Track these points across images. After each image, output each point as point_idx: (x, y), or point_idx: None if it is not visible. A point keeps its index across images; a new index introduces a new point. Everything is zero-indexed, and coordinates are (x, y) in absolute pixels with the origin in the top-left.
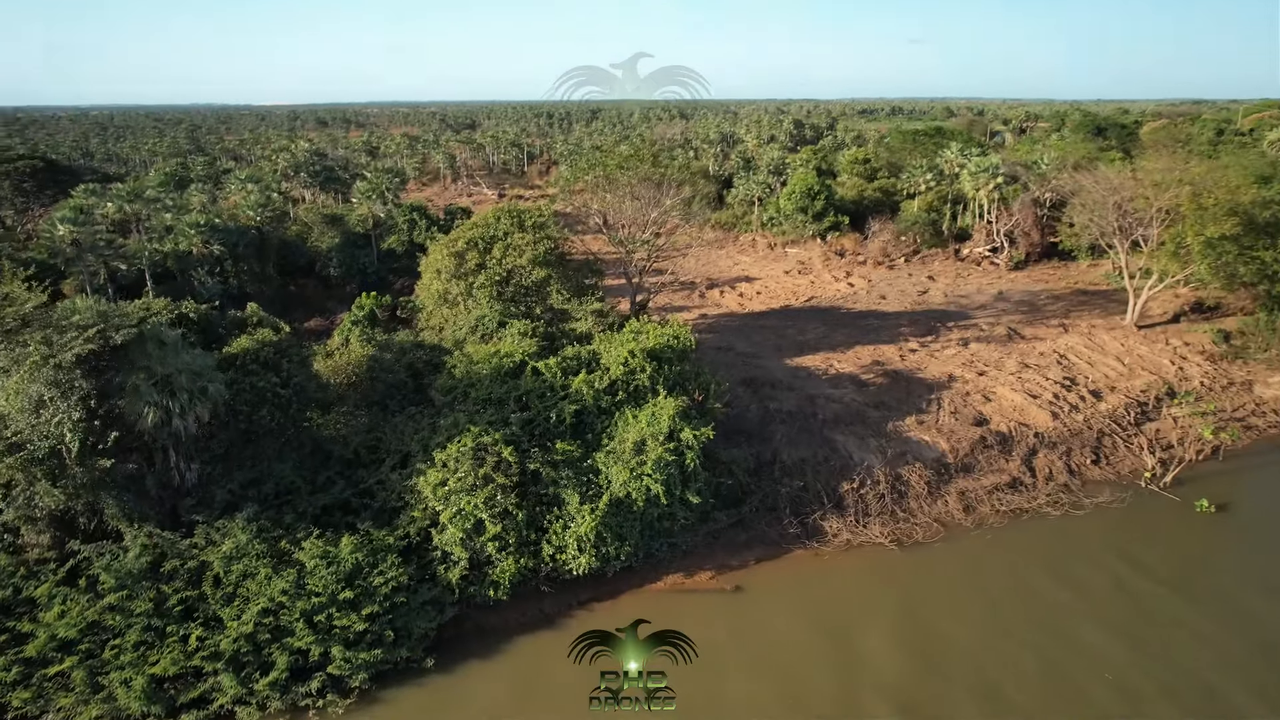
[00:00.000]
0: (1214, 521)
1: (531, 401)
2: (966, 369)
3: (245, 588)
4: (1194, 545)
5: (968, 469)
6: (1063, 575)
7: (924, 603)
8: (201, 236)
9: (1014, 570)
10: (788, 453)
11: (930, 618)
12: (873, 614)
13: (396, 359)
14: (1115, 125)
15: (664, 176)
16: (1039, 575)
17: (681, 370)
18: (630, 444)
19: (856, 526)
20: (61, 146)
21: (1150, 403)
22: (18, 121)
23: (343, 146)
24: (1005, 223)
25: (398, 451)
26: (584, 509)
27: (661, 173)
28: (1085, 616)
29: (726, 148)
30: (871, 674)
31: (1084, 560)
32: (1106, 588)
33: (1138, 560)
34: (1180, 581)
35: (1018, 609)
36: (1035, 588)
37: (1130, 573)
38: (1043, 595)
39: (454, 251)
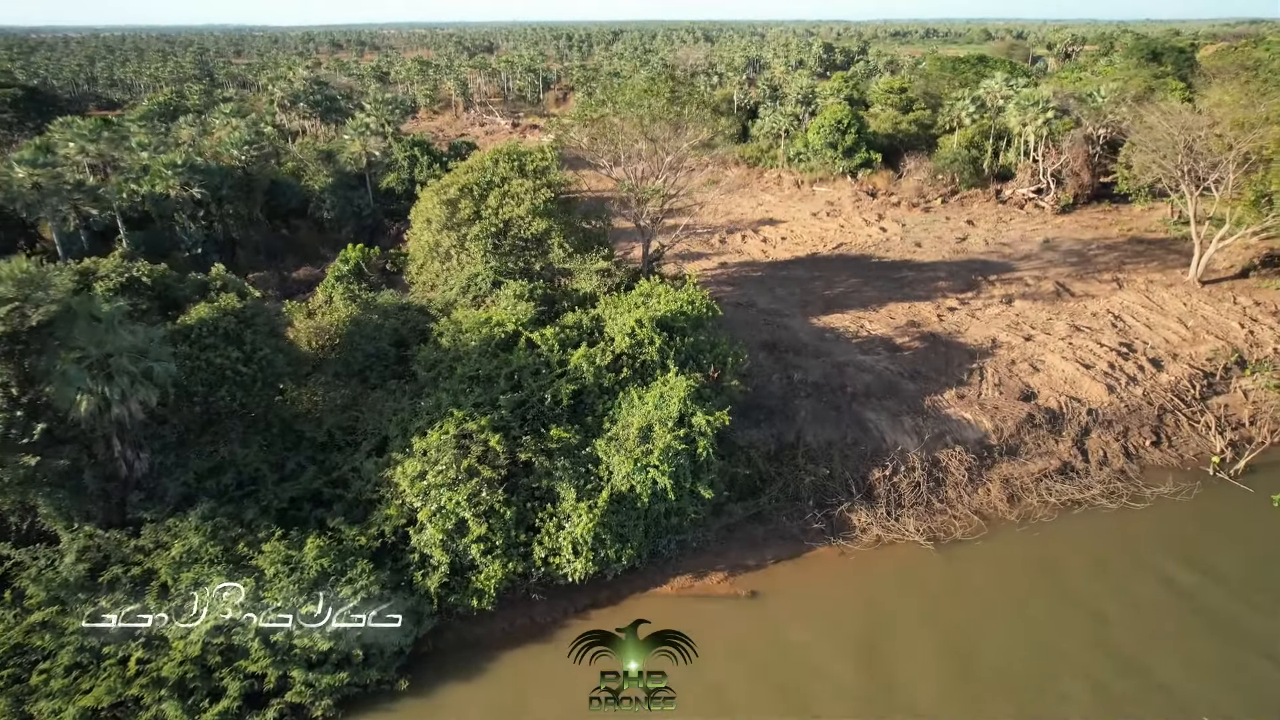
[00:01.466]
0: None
1: (524, 380)
2: (1011, 332)
3: (197, 600)
4: (1273, 548)
5: (1012, 451)
6: (1122, 585)
7: (962, 615)
8: (180, 178)
9: (1065, 577)
10: (813, 433)
11: (969, 634)
12: (905, 628)
13: (379, 324)
14: (1172, 49)
15: (680, 116)
16: (1094, 584)
17: (696, 341)
18: (635, 430)
19: (888, 520)
20: (65, 71)
21: (1218, 373)
22: (25, 44)
23: (348, 73)
24: (1053, 161)
25: (375, 434)
26: (580, 506)
27: (678, 111)
28: (1148, 637)
29: (752, 74)
30: (903, 697)
31: (1145, 567)
32: (1172, 601)
33: (1208, 567)
34: (1257, 594)
35: (1070, 626)
36: (1090, 599)
37: (1200, 582)
38: (1099, 609)
39: (446, 199)
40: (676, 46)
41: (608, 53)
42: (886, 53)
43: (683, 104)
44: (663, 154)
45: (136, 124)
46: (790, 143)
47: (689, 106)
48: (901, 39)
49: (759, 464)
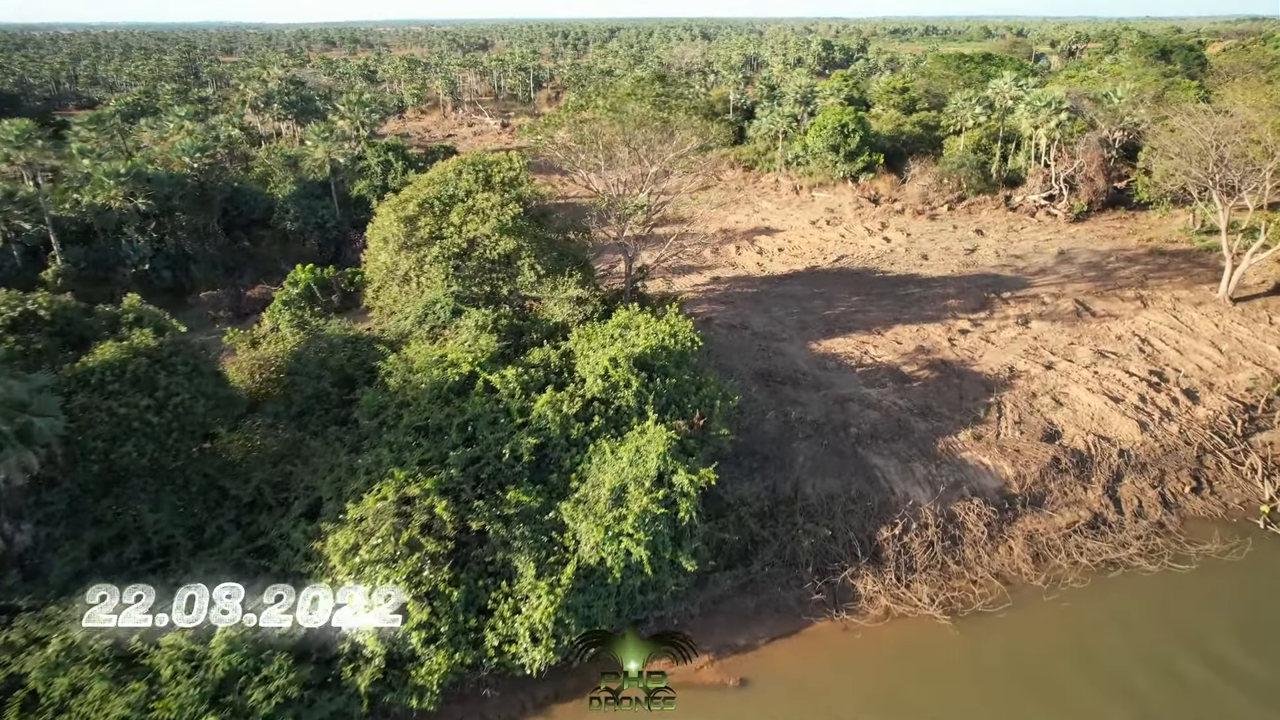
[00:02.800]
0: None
1: (480, 431)
2: (1030, 359)
3: (72, 710)
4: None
5: (1037, 502)
6: (1166, 665)
7: (984, 703)
8: (123, 188)
9: (1100, 655)
10: (812, 484)
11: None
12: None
13: (322, 359)
14: (1181, 48)
15: (667, 122)
16: (1133, 665)
17: (679, 383)
18: (607, 491)
19: (899, 588)
20: (43, 70)
21: (1259, 406)
22: (10, 40)
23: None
24: (1065, 166)
25: (309, 493)
26: (540, 585)
27: (664, 117)
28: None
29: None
30: None
31: (1193, 644)
32: (1223, 687)
33: (1265, 644)
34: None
35: (1107, 716)
36: (1128, 683)
37: (1257, 666)
38: (1139, 692)
39: (404, 216)
40: (673, 44)
41: (602, 51)
42: (886, 50)
43: (670, 109)
44: (647, 164)
45: (87, 127)
46: (789, 145)
47: (677, 112)
48: (901, 36)
49: (750, 525)
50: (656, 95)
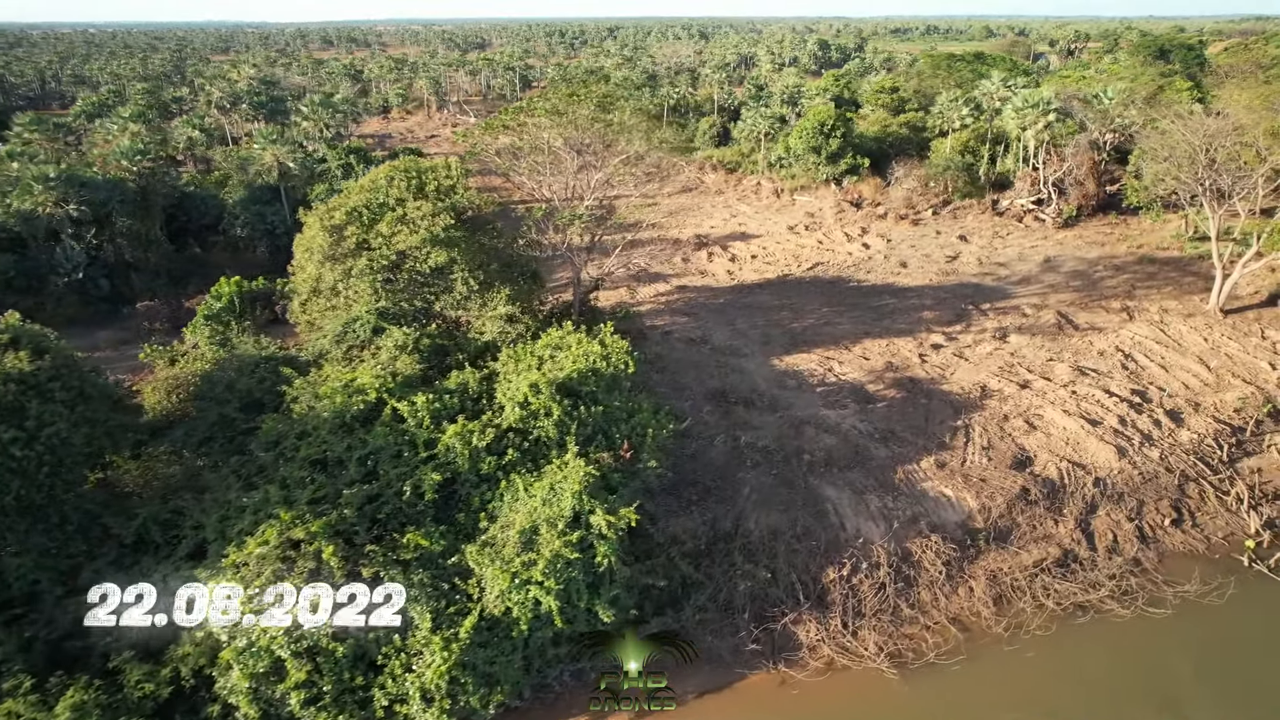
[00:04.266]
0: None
1: (382, 465)
2: (1004, 378)
3: None
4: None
5: (1002, 536)
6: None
7: None
8: (53, 193)
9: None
10: (756, 519)
11: None
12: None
13: (230, 381)
14: (1180, 47)
15: (609, 125)
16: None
17: (608, 410)
18: (515, 533)
19: (843, 635)
20: (27, 69)
21: (1248, 428)
22: (3, 39)
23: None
24: (1055, 169)
25: (196, 532)
26: (435, 640)
27: (606, 120)
28: None
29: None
30: None
31: (1168, 703)
32: None
33: (1249, 706)
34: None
35: None
36: None
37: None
38: None
39: (330, 225)
40: (672, 43)
41: (595, 50)
42: (884, 50)
43: (618, 111)
44: (591, 170)
45: (29, 128)
46: (771, 147)
47: (621, 114)
48: (902, 36)
49: (681, 567)
50: (601, 96)
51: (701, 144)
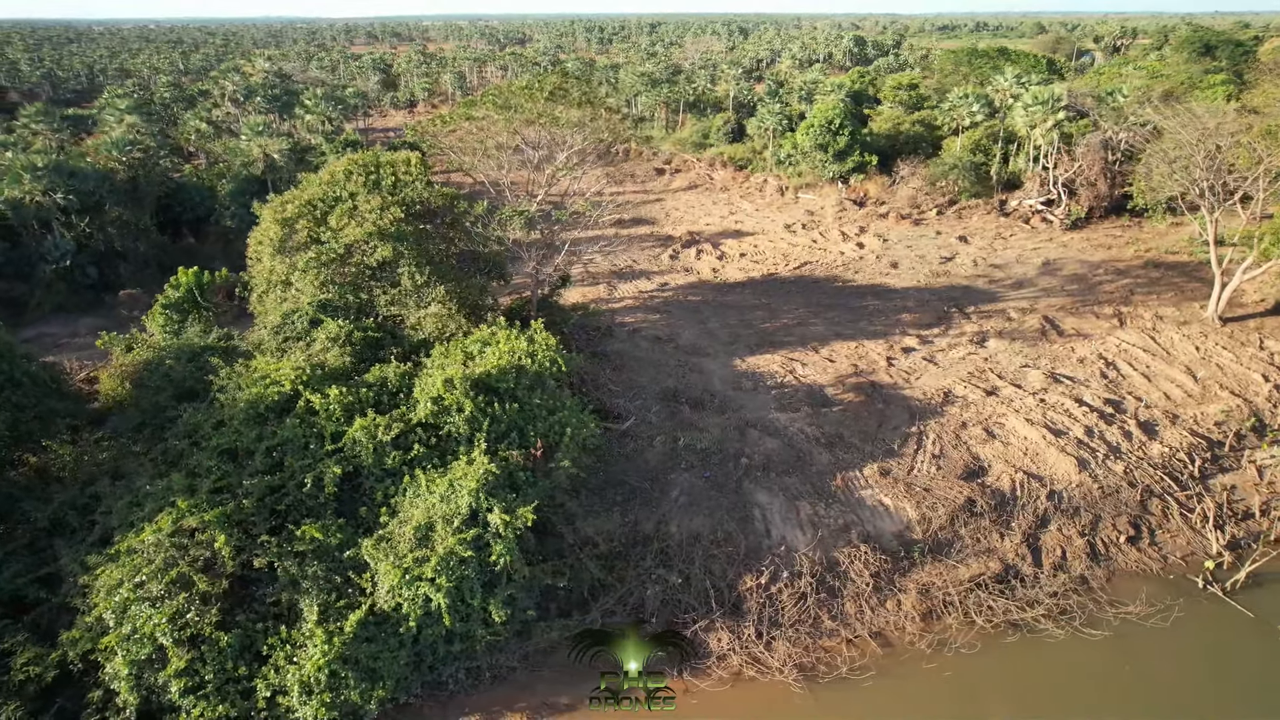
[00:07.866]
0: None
1: (288, 457)
2: (971, 384)
3: None
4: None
5: (941, 549)
6: None
7: None
8: (41, 182)
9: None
10: (679, 522)
11: None
12: None
13: (168, 370)
14: (1228, 42)
15: (555, 120)
16: None
17: (527, 408)
18: (411, 529)
19: (756, 645)
20: (76, 64)
21: (1227, 442)
22: (63, 37)
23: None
24: (1065, 169)
25: (106, 518)
26: (319, 632)
27: (554, 114)
28: None
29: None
30: None
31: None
32: None
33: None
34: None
35: None
36: None
37: None
38: None
39: (282, 219)
40: (705, 39)
41: (624, 45)
42: (921, 47)
43: (567, 104)
44: (540, 167)
45: (34, 119)
46: (779, 144)
47: (569, 108)
48: (949, 33)
49: (591, 569)
50: (554, 89)
51: (715, 140)
